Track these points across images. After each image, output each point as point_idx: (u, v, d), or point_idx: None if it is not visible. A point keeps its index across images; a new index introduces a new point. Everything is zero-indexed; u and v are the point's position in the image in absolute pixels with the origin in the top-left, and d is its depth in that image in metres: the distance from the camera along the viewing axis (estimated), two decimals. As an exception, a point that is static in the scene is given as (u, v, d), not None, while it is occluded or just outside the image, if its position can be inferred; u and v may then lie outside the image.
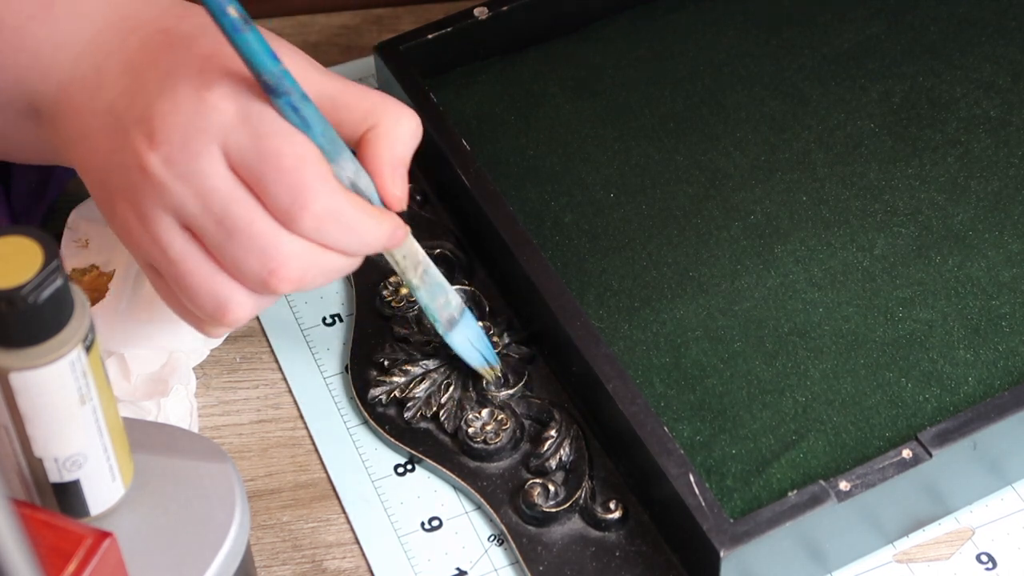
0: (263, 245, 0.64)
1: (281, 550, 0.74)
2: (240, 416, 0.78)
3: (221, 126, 0.64)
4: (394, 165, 0.67)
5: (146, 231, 0.65)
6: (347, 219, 0.65)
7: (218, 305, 0.66)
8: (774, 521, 0.68)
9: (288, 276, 0.65)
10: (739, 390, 0.75)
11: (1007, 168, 0.82)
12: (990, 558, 0.73)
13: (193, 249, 0.65)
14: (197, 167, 0.64)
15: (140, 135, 0.64)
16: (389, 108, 0.67)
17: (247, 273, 0.65)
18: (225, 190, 0.64)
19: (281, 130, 0.64)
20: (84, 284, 0.79)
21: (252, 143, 0.64)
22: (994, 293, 0.77)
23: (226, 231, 0.64)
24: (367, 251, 0.67)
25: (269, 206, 0.64)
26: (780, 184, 0.82)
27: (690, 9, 0.90)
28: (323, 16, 0.95)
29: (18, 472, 0.60)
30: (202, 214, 0.64)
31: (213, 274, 0.65)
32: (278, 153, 0.64)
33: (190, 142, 0.64)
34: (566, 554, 0.72)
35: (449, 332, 0.75)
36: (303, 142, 0.64)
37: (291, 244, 0.65)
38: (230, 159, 0.64)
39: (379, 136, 0.67)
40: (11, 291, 0.54)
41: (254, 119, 0.64)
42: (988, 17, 0.89)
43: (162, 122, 0.64)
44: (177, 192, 0.64)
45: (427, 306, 0.74)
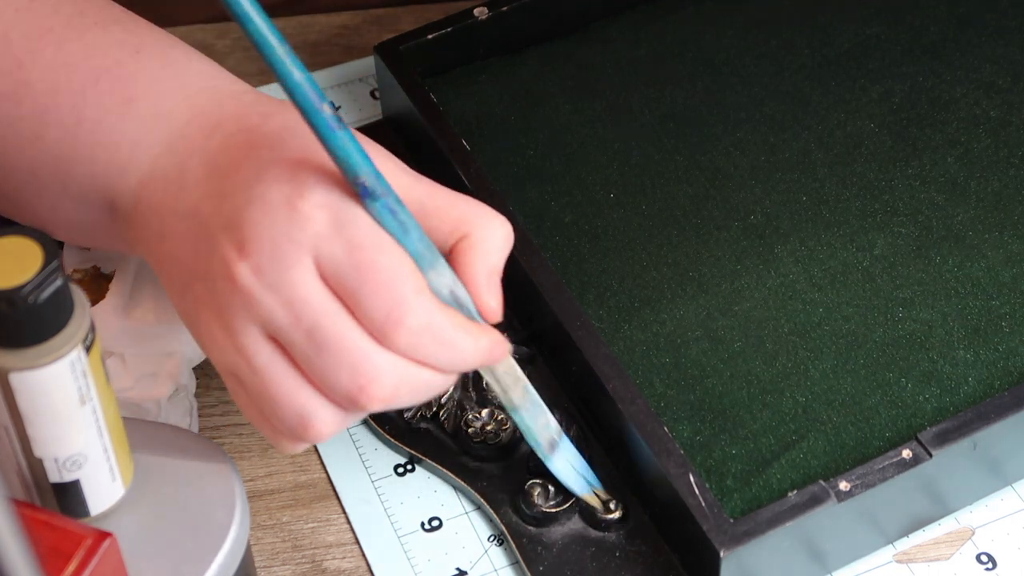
0: (355, 360, 0.61)
1: (281, 550, 0.74)
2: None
3: (314, 236, 0.61)
4: (489, 275, 0.64)
5: (230, 340, 0.63)
6: (444, 335, 0.62)
7: (301, 420, 0.63)
8: (774, 521, 0.68)
9: (379, 394, 0.62)
10: (739, 390, 0.75)
11: (1007, 168, 0.82)
12: (990, 558, 0.73)
13: (280, 361, 0.62)
14: (288, 278, 0.61)
15: (229, 243, 0.62)
16: (482, 216, 0.65)
17: (336, 388, 0.62)
18: (317, 302, 0.61)
19: (376, 241, 0.61)
20: (84, 284, 0.79)
21: (346, 254, 0.61)
22: (994, 293, 0.77)
23: (316, 345, 0.61)
24: (464, 368, 0.64)
25: (362, 320, 0.62)
26: (780, 184, 0.82)
27: (690, 9, 0.90)
28: (323, 16, 0.95)
29: (18, 472, 0.60)
30: (292, 326, 0.61)
31: (299, 388, 0.63)
32: (373, 265, 0.61)
33: (281, 252, 0.61)
34: (566, 554, 0.72)
35: (551, 456, 0.72)
36: (399, 254, 0.61)
37: (384, 360, 0.62)
38: (322, 270, 0.61)
39: (473, 246, 0.64)
40: (11, 291, 0.54)
41: (348, 229, 0.61)
42: (988, 17, 0.89)
43: (252, 231, 0.61)
44: (266, 303, 0.61)
45: (528, 428, 0.71)
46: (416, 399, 0.63)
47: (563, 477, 0.72)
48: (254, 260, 0.61)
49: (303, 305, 0.61)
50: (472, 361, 0.64)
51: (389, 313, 0.61)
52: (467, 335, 0.63)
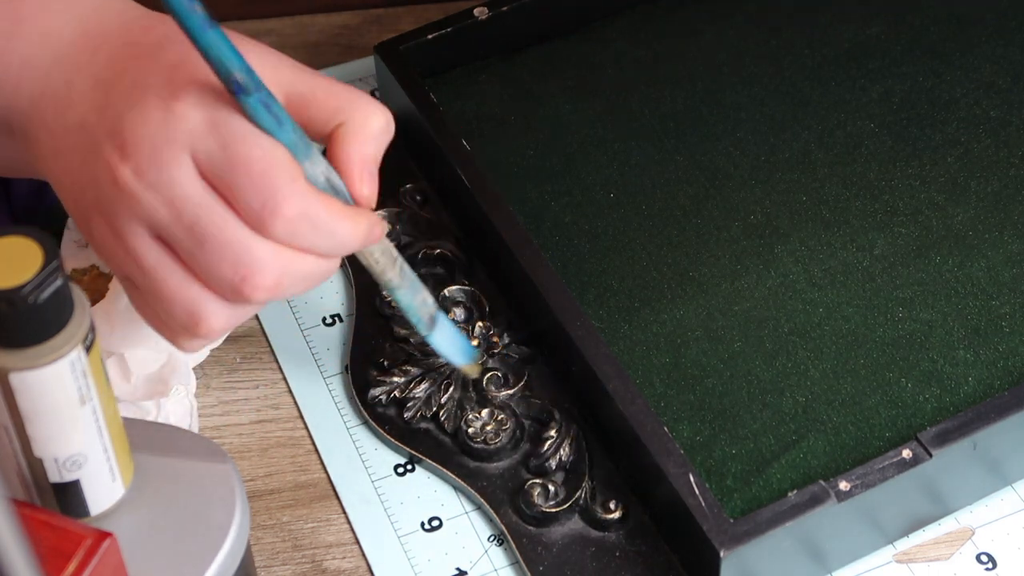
0: (235, 251, 0.63)
1: (281, 550, 0.74)
2: (240, 416, 0.78)
3: (189, 134, 0.63)
4: (363, 163, 0.66)
5: (120, 244, 0.65)
6: (320, 221, 0.64)
7: (191, 315, 0.65)
8: (774, 521, 0.68)
9: (262, 283, 0.64)
10: (739, 390, 0.75)
11: (1007, 168, 0.82)
12: (990, 558, 0.73)
13: (166, 260, 0.64)
14: (167, 177, 0.63)
15: (111, 148, 0.64)
16: (358, 104, 0.66)
17: (219, 281, 0.64)
18: (196, 198, 0.63)
19: (250, 134, 0.63)
20: (84, 284, 0.79)
21: (221, 150, 0.63)
22: (994, 293, 0.77)
23: (197, 239, 0.63)
24: (343, 252, 0.66)
25: (240, 212, 0.63)
26: (780, 184, 0.82)
27: (690, 9, 0.90)
28: (323, 16, 0.95)
29: (18, 472, 0.60)
30: (173, 223, 0.63)
31: (186, 284, 0.64)
32: (247, 158, 0.63)
33: (159, 152, 0.63)
34: (566, 554, 0.72)
35: (431, 332, 0.73)
36: (272, 145, 0.63)
37: (264, 249, 0.63)
38: (200, 167, 0.63)
39: (348, 134, 0.66)
40: (11, 291, 0.54)
41: (222, 126, 0.63)
42: (988, 17, 0.89)
43: (132, 134, 0.63)
44: (148, 202, 0.63)
45: (408, 305, 0.72)
46: (302, 287, 0.65)
47: (443, 351, 0.74)
48: (134, 162, 0.63)
49: (183, 201, 0.63)
50: (351, 244, 0.65)
51: (264, 203, 0.63)
52: (344, 220, 0.64)
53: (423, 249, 0.81)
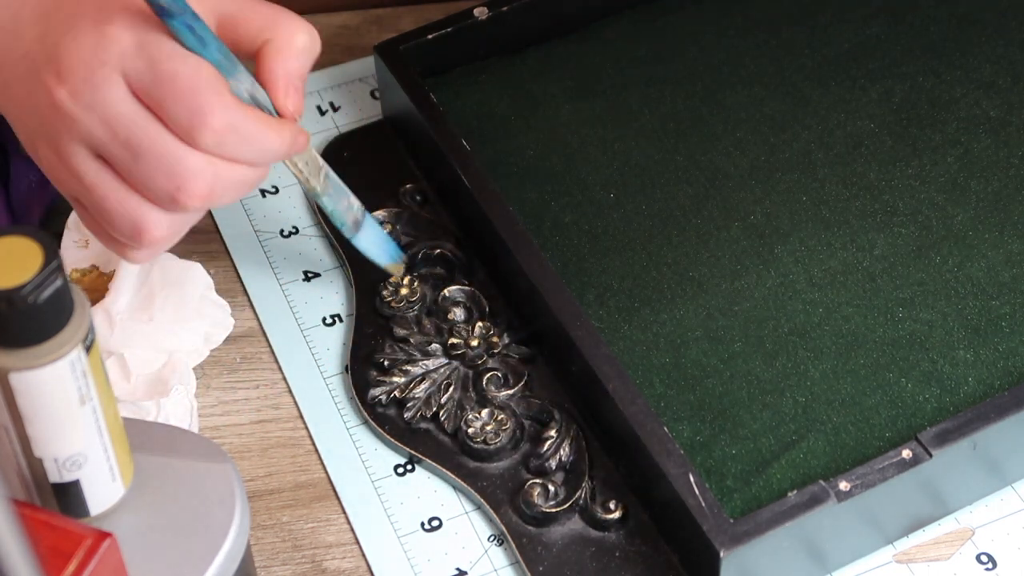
0: (168, 163, 0.67)
1: (281, 550, 0.74)
2: (240, 416, 0.78)
3: (120, 55, 0.66)
4: (288, 78, 0.70)
5: (63, 164, 0.68)
6: (246, 131, 0.67)
7: (134, 226, 0.69)
8: (774, 521, 0.68)
9: (195, 191, 0.67)
10: (739, 390, 0.75)
11: (1007, 168, 0.82)
12: (990, 558, 0.73)
13: (106, 176, 0.68)
14: (101, 96, 0.66)
15: (49, 73, 0.67)
16: (283, 22, 0.70)
17: (156, 191, 0.68)
18: (129, 115, 0.67)
19: (176, 53, 0.67)
20: (84, 284, 0.79)
21: (149, 68, 0.66)
22: (994, 293, 0.77)
23: (132, 153, 0.67)
24: (270, 159, 0.69)
25: (171, 126, 0.67)
26: (780, 184, 0.82)
27: (690, 9, 0.90)
28: (323, 16, 0.95)
29: (18, 472, 0.60)
30: (110, 141, 0.67)
31: (127, 197, 0.68)
32: (174, 75, 0.66)
33: (93, 73, 0.66)
34: (566, 554, 0.72)
35: (356, 234, 0.77)
36: (197, 62, 0.67)
37: (195, 159, 0.67)
38: (132, 86, 0.67)
39: (273, 51, 0.70)
40: (11, 291, 0.54)
41: (151, 46, 0.66)
42: (988, 17, 0.89)
43: (67, 58, 0.67)
44: (85, 122, 0.67)
45: (332, 211, 0.76)
46: (234, 195, 0.69)
47: (369, 253, 0.78)
48: (70, 84, 0.67)
49: (117, 119, 0.67)
50: (278, 152, 0.69)
51: (192, 116, 0.67)
52: (269, 129, 0.68)
53: (423, 249, 0.81)
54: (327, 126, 0.89)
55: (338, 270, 0.83)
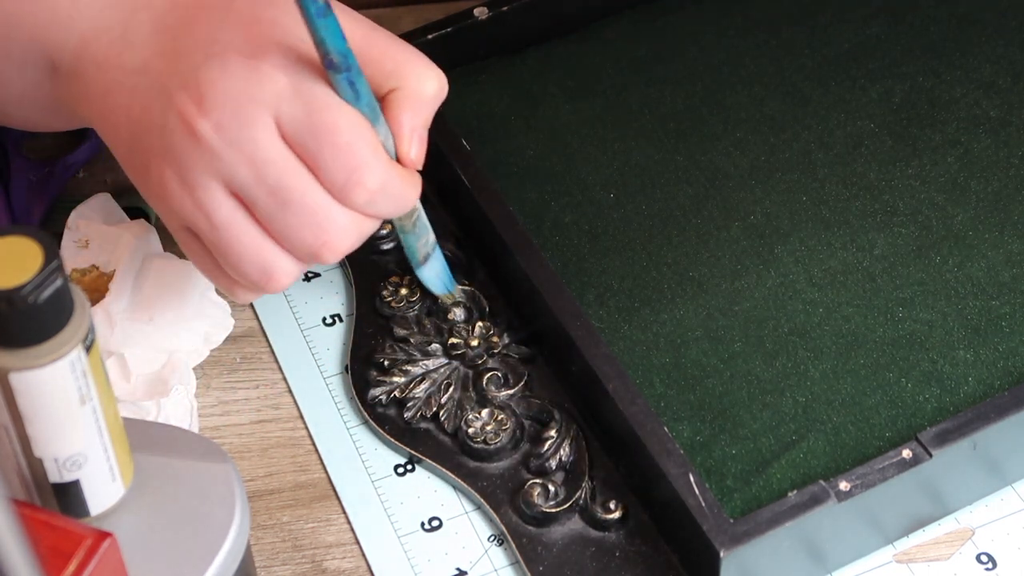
0: (318, 219, 0.65)
1: (281, 550, 0.74)
2: (240, 416, 0.78)
3: (275, 96, 0.64)
4: (415, 128, 0.68)
5: (189, 195, 0.65)
6: (394, 190, 0.66)
7: (263, 272, 0.66)
8: (774, 521, 0.68)
9: (339, 248, 0.66)
10: (739, 390, 0.75)
11: (1007, 168, 0.82)
12: (990, 558, 0.73)
13: (241, 216, 0.66)
14: (250, 135, 0.64)
15: (187, 99, 0.64)
16: (414, 68, 0.67)
17: (299, 244, 0.66)
18: (280, 161, 0.64)
19: (334, 103, 0.64)
20: (84, 284, 0.79)
21: (306, 116, 0.64)
22: (994, 293, 0.77)
23: (279, 202, 0.64)
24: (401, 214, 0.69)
25: (323, 180, 0.65)
26: (780, 184, 0.82)
27: (690, 9, 0.90)
28: (323, 16, 0.95)
29: (18, 472, 0.60)
30: (255, 183, 0.64)
31: (261, 242, 0.66)
32: (334, 128, 0.64)
33: (243, 110, 0.64)
34: (566, 554, 0.72)
35: (422, 267, 0.77)
36: (355, 115, 0.65)
37: (345, 218, 0.66)
38: (283, 130, 0.64)
39: (404, 98, 0.67)
40: (11, 291, 0.54)
41: (307, 91, 0.64)
42: (988, 17, 0.89)
43: (211, 88, 0.64)
44: (229, 159, 0.64)
45: (412, 248, 0.76)
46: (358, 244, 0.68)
47: (428, 283, 0.78)
48: (215, 117, 0.64)
49: (266, 163, 0.64)
50: (410, 207, 0.68)
51: (350, 175, 0.64)
52: (412, 187, 0.67)
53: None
54: (327, 126, 0.89)
55: (338, 270, 0.83)
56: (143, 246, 0.79)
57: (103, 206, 0.82)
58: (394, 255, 0.82)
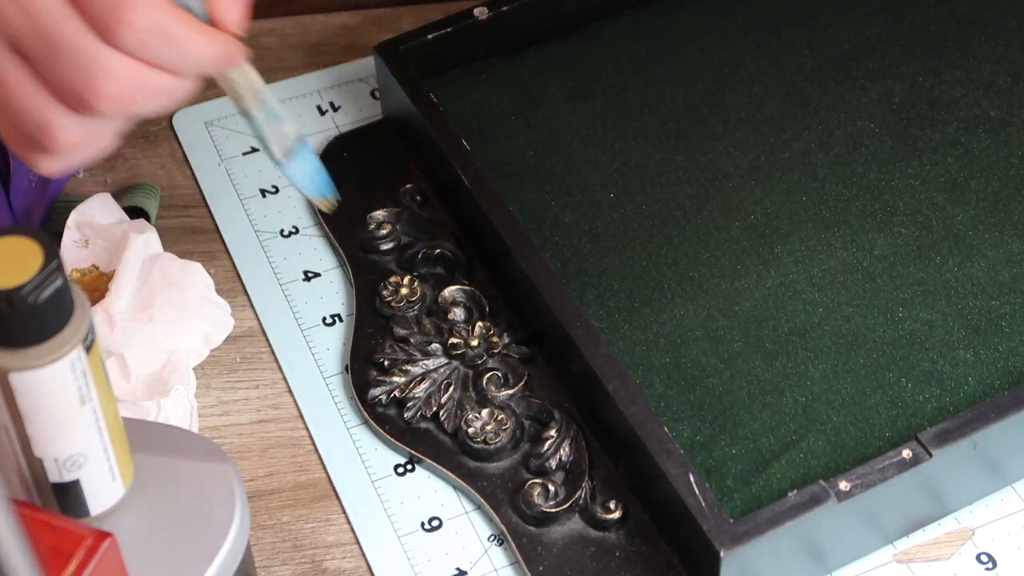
0: (83, 60, 0.64)
1: (281, 550, 0.74)
2: (240, 416, 0.78)
3: None
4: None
5: None
6: (171, 33, 0.64)
7: (39, 126, 0.65)
8: (774, 521, 0.68)
9: (108, 92, 0.64)
10: (739, 390, 0.75)
11: (1007, 168, 0.82)
12: (990, 558, 0.73)
13: (19, 71, 0.65)
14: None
15: None
16: None
17: (68, 90, 0.64)
18: (51, 7, 0.64)
19: None
20: (84, 284, 0.79)
21: None
22: (994, 293, 0.77)
23: (48, 47, 0.64)
24: (196, 69, 0.66)
25: (92, 23, 0.64)
26: (780, 184, 0.82)
27: (690, 9, 0.90)
28: (323, 16, 0.95)
29: (18, 472, 0.60)
30: (28, 33, 0.64)
31: (35, 92, 0.65)
32: None
33: None
34: (566, 554, 0.72)
35: (285, 162, 0.73)
36: None
37: (113, 59, 0.64)
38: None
39: None
40: (11, 291, 0.54)
41: None
42: (988, 17, 0.89)
43: None
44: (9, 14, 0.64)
45: (262, 135, 0.72)
46: (154, 104, 0.65)
47: (297, 182, 0.73)
48: None
49: (38, 12, 0.63)
50: (206, 61, 0.65)
51: (112, 10, 0.63)
52: (199, 35, 0.65)
53: (423, 249, 0.81)
54: (327, 126, 0.89)
55: (338, 270, 0.83)
56: (143, 246, 0.79)
57: (103, 206, 0.82)
58: (394, 255, 0.82)
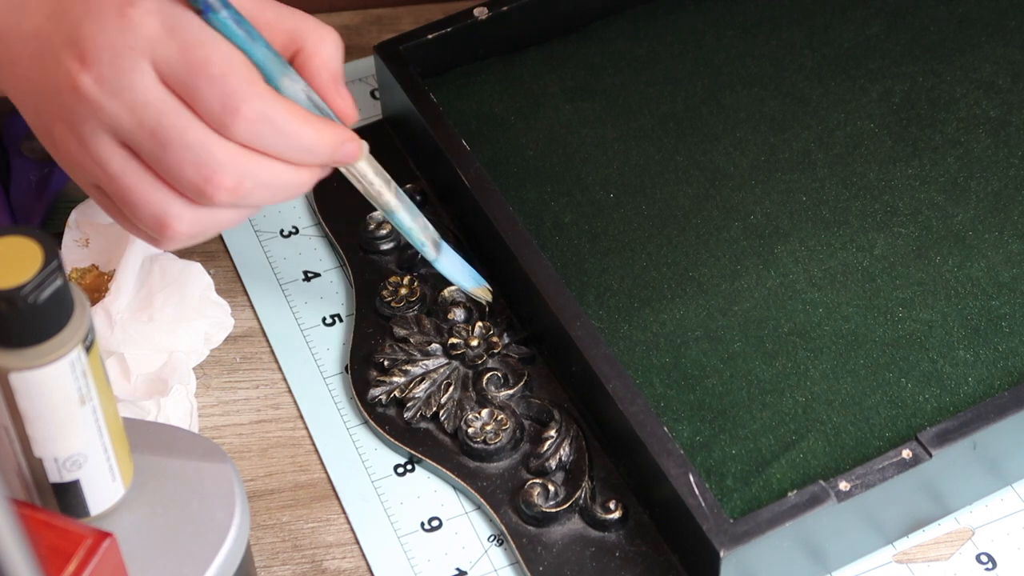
0: (197, 153, 0.65)
1: (281, 550, 0.74)
2: (240, 416, 0.78)
3: (147, 41, 0.65)
4: (334, 81, 0.69)
5: (85, 151, 0.66)
6: (281, 123, 0.66)
7: (157, 218, 0.67)
8: (774, 521, 0.68)
9: (224, 183, 0.65)
10: (739, 390, 0.75)
11: (1007, 168, 0.82)
12: (990, 558, 0.73)
13: (132, 165, 0.66)
14: (128, 83, 0.65)
15: (71, 57, 0.65)
16: (311, 29, 0.69)
17: (184, 182, 0.66)
18: (157, 102, 0.65)
19: (207, 39, 0.65)
20: (84, 284, 0.79)
21: (180, 55, 0.65)
22: (994, 293, 0.77)
23: (160, 142, 0.65)
24: (310, 158, 0.67)
25: (202, 115, 0.65)
26: (780, 184, 0.82)
27: (690, 9, 0.90)
28: (323, 16, 0.95)
29: (18, 472, 0.60)
30: (136, 129, 0.65)
31: (152, 188, 0.66)
32: (207, 61, 0.64)
33: (119, 59, 0.65)
34: (566, 554, 0.72)
35: (438, 257, 0.75)
36: (230, 49, 0.65)
37: (226, 150, 0.65)
38: (160, 72, 0.65)
39: (311, 57, 0.68)
40: (11, 291, 0.54)
41: (179, 31, 0.65)
42: (988, 17, 0.89)
43: (91, 42, 0.65)
44: (111, 109, 0.65)
45: (409, 229, 0.74)
46: (269, 195, 0.67)
47: (453, 277, 0.76)
48: (95, 70, 0.65)
49: (144, 107, 0.65)
50: (319, 151, 0.67)
51: (224, 103, 0.65)
52: (308, 126, 0.66)
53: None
54: (327, 126, 0.89)
55: (338, 270, 0.83)
56: (143, 246, 0.79)
57: (103, 206, 0.82)
58: (394, 255, 0.82)
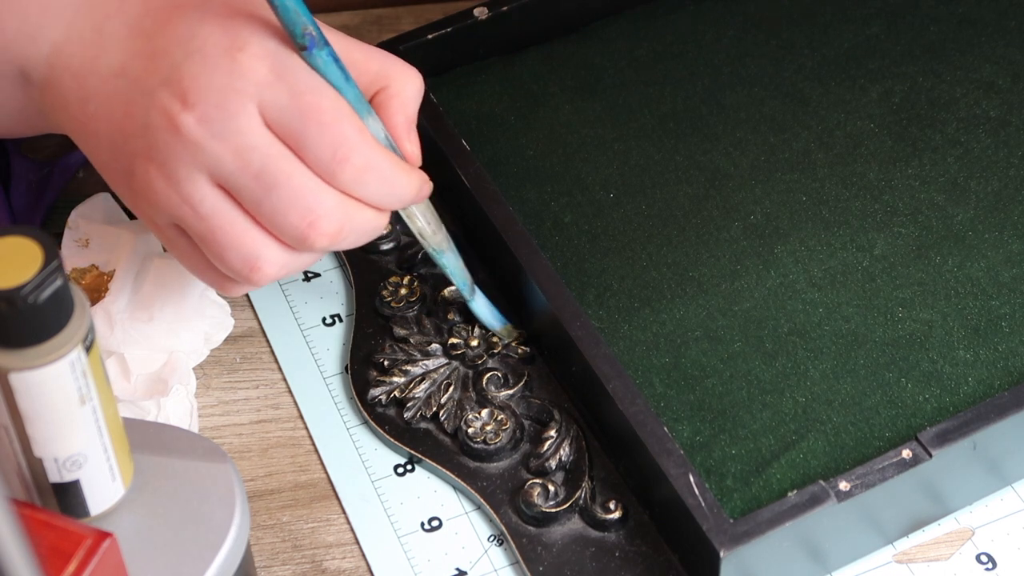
0: (304, 199, 0.65)
1: (281, 550, 0.74)
2: (240, 416, 0.78)
3: (256, 85, 0.65)
4: (408, 125, 0.69)
5: (175, 190, 0.66)
6: (383, 171, 0.66)
7: (248, 261, 0.67)
8: (774, 521, 0.68)
9: (327, 229, 0.66)
10: (739, 390, 0.75)
11: (1007, 168, 0.82)
12: (990, 558, 0.73)
13: (227, 205, 0.66)
14: (235, 126, 0.64)
15: (170, 96, 0.65)
16: (397, 70, 0.69)
17: (286, 227, 0.66)
18: (264, 146, 0.65)
19: (317, 86, 0.65)
20: (84, 284, 0.79)
21: (289, 100, 0.65)
22: (994, 293, 0.77)
23: (265, 187, 0.65)
24: (398, 205, 0.69)
25: (309, 161, 0.65)
26: (780, 184, 0.82)
27: (690, 9, 0.90)
28: (323, 16, 0.95)
29: (18, 472, 0.60)
30: (239, 172, 0.65)
31: (247, 230, 0.66)
32: (318, 108, 0.65)
33: (226, 101, 0.64)
34: (566, 554, 0.72)
35: (473, 297, 0.77)
36: (337, 96, 0.66)
37: (331, 198, 0.66)
38: (267, 117, 0.65)
39: (392, 98, 0.69)
40: (11, 291, 0.54)
41: (289, 77, 0.65)
42: (988, 17, 0.89)
43: (193, 83, 0.65)
44: (214, 151, 0.65)
45: (455, 269, 0.76)
46: (358, 239, 0.68)
47: (483, 317, 0.77)
48: (199, 110, 0.64)
49: (251, 150, 0.65)
50: (407, 197, 0.68)
51: (335, 152, 0.65)
52: (403, 173, 0.68)
53: (423, 249, 0.81)
54: (327, 126, 0.89)
55: (338, 270, 0.83)
56: (143, 246, 0.79)
57: (103, 206, 0.82)
58: (394, 255, 0.82)
